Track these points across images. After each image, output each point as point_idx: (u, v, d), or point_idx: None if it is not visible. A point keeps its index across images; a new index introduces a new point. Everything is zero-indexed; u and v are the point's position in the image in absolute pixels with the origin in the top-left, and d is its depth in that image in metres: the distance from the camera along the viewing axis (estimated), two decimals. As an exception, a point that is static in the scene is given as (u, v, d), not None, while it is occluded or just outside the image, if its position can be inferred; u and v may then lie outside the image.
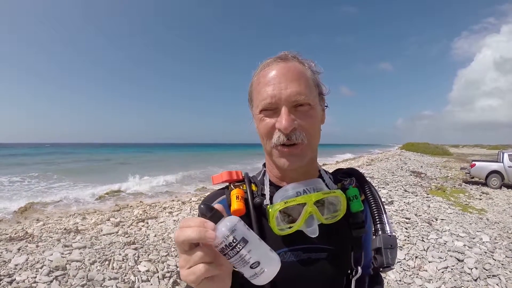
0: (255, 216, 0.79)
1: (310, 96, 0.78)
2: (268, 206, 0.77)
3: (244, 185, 0.86)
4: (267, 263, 0.57)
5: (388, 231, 0.81)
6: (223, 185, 0.92)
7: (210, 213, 0.57)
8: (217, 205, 0.60)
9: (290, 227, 0.76)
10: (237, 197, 0.81)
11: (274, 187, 0.86)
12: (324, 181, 0.87)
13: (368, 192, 0.88)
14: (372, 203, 0.85)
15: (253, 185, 0.88)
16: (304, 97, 0.76)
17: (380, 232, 0.81)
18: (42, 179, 16.88)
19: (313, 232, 0.76)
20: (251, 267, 0.56)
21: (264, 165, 0.95)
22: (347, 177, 0.92)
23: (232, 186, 0.86)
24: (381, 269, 0.81)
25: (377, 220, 0.83)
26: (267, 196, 0.84)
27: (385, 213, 0.84)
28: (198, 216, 0.60)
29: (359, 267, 0.87)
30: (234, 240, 0.54)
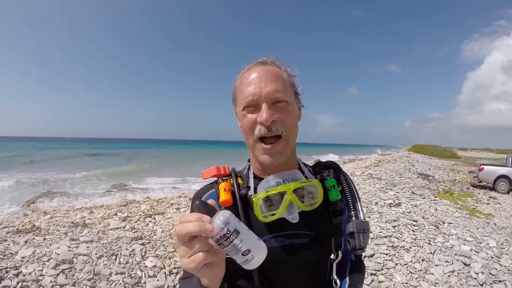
0: (242, 206, 0.88)
1: (286, 94, 0.88)
2: (252, 195, 0.87)
3: (231, 179, 0.94)
4: (256, 251, 0.66)
5: (362, 217, 0.91)
6: (213, 180, 1.00)
7: (205, 208, 0.65)
8: (210, 201, 0.68)
9: (273, 215, 0.85)
10: (225, 190, 0.89)
11: (258, 180, 0.94)
12: (303, 173, 0.97)
13: (343, 182, 0.98)
14: (347, 191, 0.96)
15: (239, 179, 0.96)
16: (281, 95, 0.86)
17: (353, 218, 0.91)
18: (51, 174, 17.04)
19: (294, 218, 0.84)
20: (242, 254, 0.64)
21: (249, 160, 1.03)
22: (326, 169, 1.02)
23: (220, 180, 0.95)
24: (354, 251, 0.91)
25: (351, 207, 0.93)
26: (252, 188, 0.94)
27: (359, 201, 0.95)
28: (192, 211, 0.67)
29: (339, 252, 0.97)
30: (228, 232, 0.62)
